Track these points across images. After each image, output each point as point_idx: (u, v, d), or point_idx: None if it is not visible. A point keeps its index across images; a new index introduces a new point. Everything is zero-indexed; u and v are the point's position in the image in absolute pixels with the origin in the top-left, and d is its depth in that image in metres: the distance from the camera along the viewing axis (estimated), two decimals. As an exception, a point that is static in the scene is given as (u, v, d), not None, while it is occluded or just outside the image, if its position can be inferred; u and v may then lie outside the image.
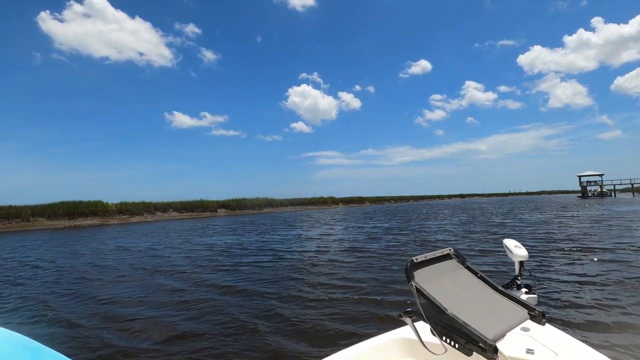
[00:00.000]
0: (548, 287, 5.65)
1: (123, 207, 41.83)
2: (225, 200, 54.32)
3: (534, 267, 6.98)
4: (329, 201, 79.44)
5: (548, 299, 5.03)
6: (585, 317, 4.25)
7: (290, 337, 4.10)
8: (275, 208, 60.38)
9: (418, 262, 1.29)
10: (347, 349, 1.67)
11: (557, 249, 8.90)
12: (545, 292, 5.36)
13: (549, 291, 5.44)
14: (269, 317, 4.85)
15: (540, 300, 4.04)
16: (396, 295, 5.47)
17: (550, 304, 4.80)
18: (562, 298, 5.06)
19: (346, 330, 4.14)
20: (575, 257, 7.85)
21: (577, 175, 61.65)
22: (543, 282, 5.88)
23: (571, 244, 9.42)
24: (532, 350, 1.50)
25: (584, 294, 5.20)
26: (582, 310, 4.50)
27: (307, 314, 4.89)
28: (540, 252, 8.56)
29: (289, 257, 9.84)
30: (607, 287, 5.46)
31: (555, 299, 5.05)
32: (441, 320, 1.17)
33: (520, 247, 2.14)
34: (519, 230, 13.71)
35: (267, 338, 4.12)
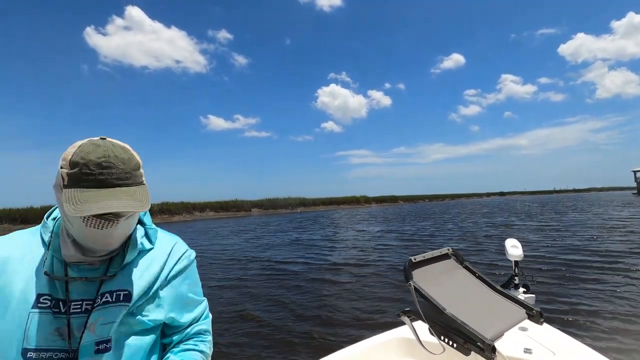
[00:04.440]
0: (547, 287, 5.50)
1: (164, 207, 44.11)
2: (259, 200, 55.62)
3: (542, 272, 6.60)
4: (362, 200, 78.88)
5: (547, 299, 4.90)
6: (584, 317, 4.17)
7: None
8: (308, 207, 60.92)
9: (416, 261, 1.30)
10: (345, 349, 1.71)
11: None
12: (544, 292, 5.19)
13: (548, 291, 5.28)
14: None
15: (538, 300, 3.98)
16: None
17: (548, 304, 4.68)
18: (562, 298, 4.93)
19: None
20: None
21: (632, 170, 56.77)
22: (537, 282, 5.65)
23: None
24: (530, 350, 1.47)
25: (583, 296, 5.00)
26: (582, 311, 4.40)
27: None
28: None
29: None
30: (609, 289, 5.19)
31: (554, 298, 4.92)
32: (439, 319, 1.18)
33: (516, 247, 2.08)
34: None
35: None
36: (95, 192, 0.62)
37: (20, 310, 0.66)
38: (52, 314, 0.68)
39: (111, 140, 0.69)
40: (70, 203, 0.60)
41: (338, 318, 4.71)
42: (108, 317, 0.70)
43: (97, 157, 0.63)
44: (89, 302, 0.70)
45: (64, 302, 0.69)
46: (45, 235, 0.74)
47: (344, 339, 3.93)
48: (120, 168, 0.64)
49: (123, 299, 0.72)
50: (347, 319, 4.64)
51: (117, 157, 0.65)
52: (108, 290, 0.72)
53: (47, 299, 0.68)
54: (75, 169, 0.62)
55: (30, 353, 0.65)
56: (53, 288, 0.69)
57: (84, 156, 0.63)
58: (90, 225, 0.65)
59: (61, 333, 0.67)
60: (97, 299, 0.70)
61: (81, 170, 0.62)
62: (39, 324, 0.66)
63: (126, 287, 0.73)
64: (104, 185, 0.62)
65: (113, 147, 0.66)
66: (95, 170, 0.62)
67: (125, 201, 0.62)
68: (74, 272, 0.71)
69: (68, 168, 0.63)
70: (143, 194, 0.66)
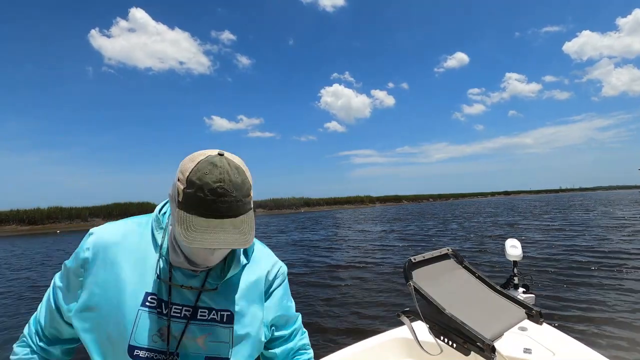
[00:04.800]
0: (548, 287, 5.47)
1: (169, 208, 44.36)
2: (263, 200, 55.76)
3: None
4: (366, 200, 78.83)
5: (547, 299, 4.89)
6: (584, 317, 4.17)
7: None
8: (312, 207, 60.99)
9: (416, 261, 1.30)
10: (345, 349, 1.71)
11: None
12: (545, 292, 5.18)
13: (548, 291, 5.27)
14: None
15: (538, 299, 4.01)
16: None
17: (548, 304, 4.67)
18: (562, 298, 4.91)
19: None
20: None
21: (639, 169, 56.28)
22: (537, 282, 5.65)
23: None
24: (529, 350, 1.47)
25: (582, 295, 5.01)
26: (582, 311, 4.40)
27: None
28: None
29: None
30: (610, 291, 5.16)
31: (555, 298, 4.91)
32: (439, 319, 1.18)
33: (516, 247, 2.07)
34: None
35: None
36: (205, 221, 0.62)
37: (131, 305, 0.68)
38: (156, 314, 0.69)
39: (228, 157, 0.67)
40: (182, 227, 0.62)
41: (338, 318, 4.72)
42: (216, 336, 0.72)
43: (213, 180, 0.62)
44: (188, 309, 0.72)
45: (166, 303, 0.70)
46: (157, 234, 0.75)
47: (344, 339, 3.94)
48: (233, 196, 0.63)
49: (227, 320, 0.74)
50: (347, 320, 4.65)
51: (231, 182, 0.63)
52: (213, 306, 0.73)
53: (154, 299, 0.70)
54: (191, 189, 0.62)
55: (137, 351, 0.67)
56: (159, 288, 0.71)
57: (200, 177, 0.62)
58: (195, 248, 0.66)
59: (161, 334, 0.69)
60: (204, 312, 0.73)
61: (196, 193, 0.62)
62: (146, 323, 0.68)
63: (229, 308, 0.75)
64: (214, 215, 0.62)
65: (229, 169, 0.64)
66: (209, 196, 0.62)
67: (232, 236, 0.63)
68: (177, 275, 0.72)
69: (184, 185, 0.63)
70: (249, 225, 0.66)
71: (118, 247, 0.72)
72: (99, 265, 0.71)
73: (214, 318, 0.73)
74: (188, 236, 0.61)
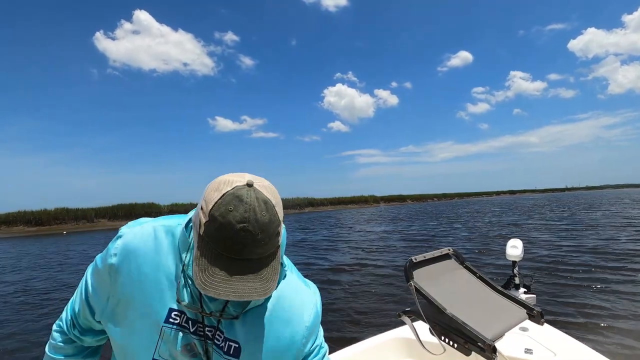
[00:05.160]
0: (549, 287, 5.45)
1: (174, 209, 44.63)
2: (267, 201, 55.60)
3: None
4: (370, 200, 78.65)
5: (549, 299, 4.87)
6: (586, 318, 4.14)
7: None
8: (316, 207, 60.97)
9: (417, 261, 1.30)
10: (346, 349, 1.71)
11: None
12: (547, 293, 5.17)
13: (550, 291, 5.25)
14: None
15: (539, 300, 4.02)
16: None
17: (550, 304, 4.66)
18: (564, 298, 4.89)
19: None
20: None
21: (647, 168, 55.70)
22: (538, 282, 5.62)
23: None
24: (530, 350, 1.46)
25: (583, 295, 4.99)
26: (583, 311, 4.37)
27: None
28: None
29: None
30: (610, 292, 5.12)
31: (556, 299, 4.89)
32: (440, 320, 1.18)
33: (516, 247, 2.05)
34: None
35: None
36: (224, 272, 0.57)
37: (155, 319, 0.66)
38: (181, 330, 0.67)
39: (257, 188, 0.60)
40: (199, 268, 0.57)
41: (338, 319, 4.73)
42: None
43: (237, 220, 0.56)
44: (210, 329, 0.69)
45: (194, 321, 0.68)
46: (183, 246, 0.69)
47: (345, 339, 3.94)
48: (258, 238, 0.57)
49: (233, 353, 0.69)
50: (347, 320, 4.65)
51: (257, 222, 0.57)
52: (227, 335, 0.69)
53: (177, 315, 0.67)
54: (212, 225, 0.57)
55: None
56: (183, 306, 0.68)
57: (224, 214, 0.56)
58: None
59: (189, 350, 0.67)
60: (219, 335, 0.69)
61: (218, 232, 0.56)
62: (170, 339, 0.66)
63: (238, 340, 0.69)
64: (235, 261, 0.58)
65: (257, 204, 0.58)
66: (231, 238, 0.56)
67: (251, 284, 0.57)
68: (207, 299, 0.68)
69: (207, 218, 0.57)
70: (273, 270, 0.60)
71: (146, 257, 0.68)
72: (125, 274, 0.68)
73: (222, 346, 0.68)
74: (204, 283, 0.56)
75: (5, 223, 37.65)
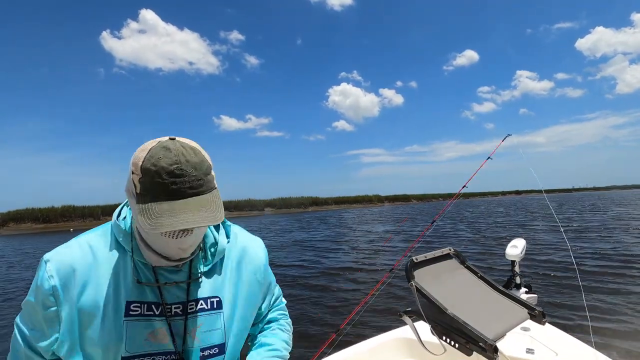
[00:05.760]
0: (551, 287, 5.43)
1: (179, 207, 44.86)
2: (272, 200, 55.97)
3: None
4: (374, 199, 78.51)
5: (550, 299, 4.86)
6: (586, 318, 4.11)
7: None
8: (320, 206, 60.98)
9: (418, 261, 1.30)
10: (347, 349, 1.71)
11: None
12: (548, 293, 5.15)
13: (551, 291, 5.23)
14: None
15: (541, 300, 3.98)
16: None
17: (551, 304, 4.65)
18: (565, 298, 4.88)
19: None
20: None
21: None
22: (539, 283, 5.58)
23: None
24: (532, 350, 1.46)
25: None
26: (585, 311, 4.34)
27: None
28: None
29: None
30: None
31: (557, 299, 4.88)
32: (441, 320, 1.18)
33: (516, 247, 2.05)
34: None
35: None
36: (168, 204, 0.59)
37: (115, 321, 0.66)
38: (144, 320, 0.68)
39: (180, 140, 0.65)
40: (144, 216, 0.58)
41: (338, 319, 4.73)
42: (208, 325, 0.72)
43: (168, 163, 0.59)
44: (179, 305, 0.71)
45: (156, 305, 0.69)
46: (123, 240, 0.70)
47: (345, 339, 3.94)
48: (193, 175, 0.61)
49: (217, 307, 0.73)
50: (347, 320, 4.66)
51: (188, 162, 0.61)
52: (200, 296, 0.72)
53: (137, 306, 0.68)
54: (146, 177, 0.60)
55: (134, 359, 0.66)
56: (141, 293, 0.69)
57: (155, 162, 0.59)
58: (166, 235, 0.64)
59: (155, 336, 0.68)
60: (192, 304, 0.71)
61: (153, 179, 0.59)
62: (135, 332, 0.67)
63: (216, 294, 0.74)
64: (177, 197, 0.59)
65: (184, 150, 0.62)
66: (167, 179, 0.59)
67: (199, 214, 0.59)
68: (161, 275, 0.70)
69: (139, 175, 0.60)
70: (215, 203, 0.63)
71: (83, 265, 0.67)
72: (70, 289, 0.65)
73: (203, 307, 0.72)
74: (153, 223, 0.57)
75: (14, 220, 38.15)
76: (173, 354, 0.68)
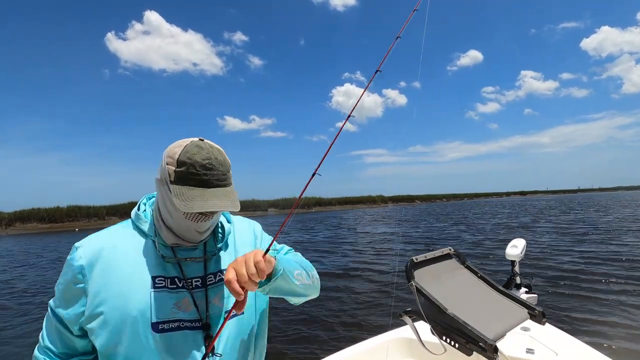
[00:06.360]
0: (551, 288, 5.42)
1: (183, 207, 44.97)
2: (275, 200, 56.01)
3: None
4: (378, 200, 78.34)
5: (551, 299, 4.85)
6: (586, 318, 4.13)
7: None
8: (324, 207, 60.93)
9: (418, 261, 1.30)
10: (347, 349, 1.71)
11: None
12: (549, 293, 5.14)
13: (552, 292, 5.22)
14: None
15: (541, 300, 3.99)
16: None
17: (552, 304, 4.64)
18: (565, 298, 4.88)
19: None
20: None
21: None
22: (539, 283, 5.57)
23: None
24: (532, 350, 1.46)
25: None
26: (585, 311, 4.37)
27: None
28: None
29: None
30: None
31: (558, 299, 4.88)
32: (441, 319, 1.18)
33: (516, 246, 2.04)
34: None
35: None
36: (200, 191, 0.73)
37: (142, 291, 0.76)
38: (169, 291, 0.78)
39: (208, 142, 0.79)
40: (179, 198, 0.72)
41: (339, 319, 4.74)
42: (225, 292, 0.84)
43: (201, 158, 0.74)
44: (198, 279, 0.82)
45: (178, 279, 0.80)
46: (144, 225, 0.83)
47: (346, 339, 3.94)
48: (219, 170, 0.76)
49: None
50: (348, 320, 4.67)
51: (216, 159, 0.76)
52: (215, 270, 0.85)
53: (161, 280, 0.79)
54: (182, 167, 0.73)
55: (161, 325, 0.76)
56: (164, 268, 0.80)
57: (190, 157, 0.73)
58: (189, 218, 0.77)
59: (180, 306, 0.79)
60: (210, 277, 0.84)
61: (188, 169, 0.73)
62: (161, 301, 0.77)
63: (227, 266, 0.86)
64: (207, 185, 0.74)
65: (212, 149, 0.77)
66: (200, 171, 0.73)
67: (224, 201, 0.74)
68: (179, 253, 0.83)
69: (175, 166, 0.74)
70: (234, 194, 0.78)
71: (109, 249, 0.79)
72: (97, 270, 0.76)
73: (222, 278, 0.84)
74: (186, 204, 0.71)
75: (20, 220, 38.50)
76: (198, 321, 0.79)
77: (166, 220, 0.80)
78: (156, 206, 0.83)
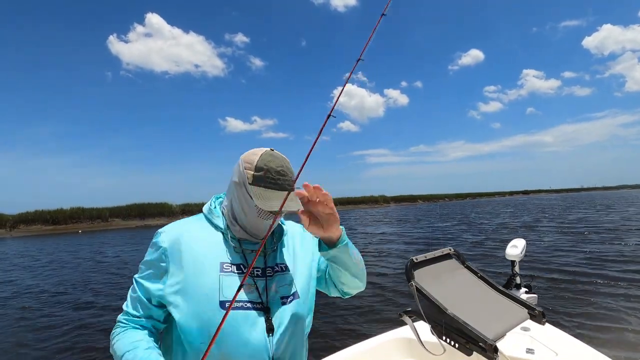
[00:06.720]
0: (552, 288, 5.43)
1: (186, 208, 45.10)
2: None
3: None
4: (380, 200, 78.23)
5: (551, 299, 4.86)
6: (587, 318, 4.14)
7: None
8: (326, 208, 60.73)
9: (418, 261, 1.30)
10: (347, 349, 1.71)
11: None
12: (549, 293, 5.15)
13: (552, 292, 5.23)
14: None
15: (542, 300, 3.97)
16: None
17: (552, 304, 4.63)
18: (565, 298, 4.88)
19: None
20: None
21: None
22: (540, 283, 5.56)
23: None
24: (532, 350, 1.45)
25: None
26: (584, 311, 4.37)
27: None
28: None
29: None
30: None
31: (558, 299, 4.89)
32: (441, 320, 1.18)
33: (516, 246, 2.03)
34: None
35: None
36: (275, 193, 0.88)
37: (212, 273, 0.88)
38: (234, 275, 0.90)
39: (278, 152, 0.95)
40: (259, 198, 0.87)
41: (339, 319, 4.73)
42: (282, 282, 0.96)
43: (276, 165, 0.89)
44: (259, 269, 0.95)
45: (243, 266, 0.92)
46: (216, 220, 0.97)
47: (346, 339, 3.94)
48: (289, 176, 0.91)
49: (285, 269, 0.99)
50: (348, 321, 4.67)
51: (287, 168, 0.91)
52: (276, 262, 0.99)
53: (228, 265, 0.91)
54: (260, 172, 0.89)
55: (227, 303, 0.85)
56: (231, 257, 0.92)
57: (266, 164, 0.89)
58: (261, 216, 0.90)
59: (244, 289, 0.89)
60: (269, 269, 0.96)
61: (265, 174, 0.88)
62: (228, 283, 0.88)
63: (283, 261, 1.01)
64: (281, 189, 0.89)
65: (283, 159, 0.93)
66: (275, 176, 0.89)
67: (294, 202, 0.86)
68: (245, 246, 0.95)
69: (253, 170, 0.89)
70: (297, 200, 0.87)
71: (187, 235, 0.92)
72: (177, 252, 0.89)
73: (278, 270, 0.97)
74: (267, 204, 0.87)
75: (24, 222, 38.69)
76: (259, 304, 0.90)
77: (238, 217, 0.94)
78: (229, 204, 0.97)
